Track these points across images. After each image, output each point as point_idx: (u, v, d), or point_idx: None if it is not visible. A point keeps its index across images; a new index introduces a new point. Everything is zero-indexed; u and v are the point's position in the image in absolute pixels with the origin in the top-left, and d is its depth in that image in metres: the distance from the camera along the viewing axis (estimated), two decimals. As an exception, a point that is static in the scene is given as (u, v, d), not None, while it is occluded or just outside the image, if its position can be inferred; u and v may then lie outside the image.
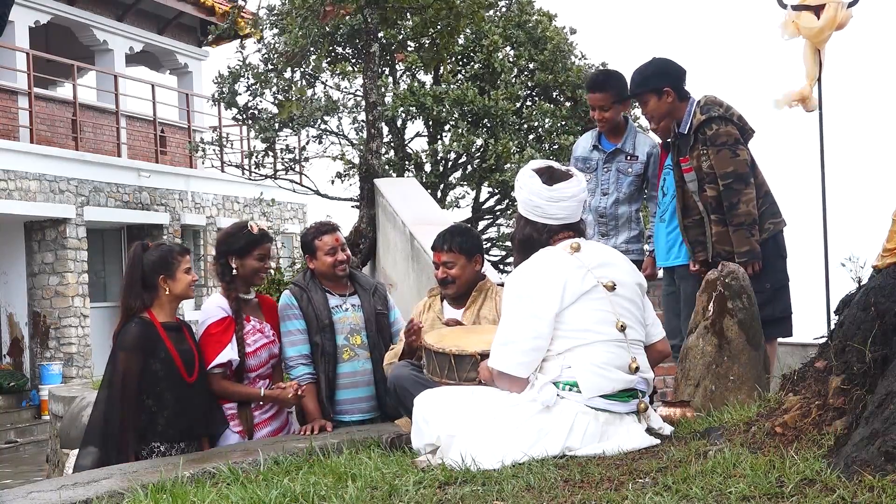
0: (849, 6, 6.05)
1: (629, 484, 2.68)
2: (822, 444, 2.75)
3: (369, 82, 9.72)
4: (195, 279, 4.55)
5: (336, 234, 4.92)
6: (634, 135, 5.36)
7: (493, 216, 15.75)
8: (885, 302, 2.84)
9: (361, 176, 9.54)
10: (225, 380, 4.55)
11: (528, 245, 3.53)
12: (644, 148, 5.31)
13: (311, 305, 4.81)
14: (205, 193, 18.74)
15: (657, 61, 4.86)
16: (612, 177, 5.31)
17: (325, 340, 4.80)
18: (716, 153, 4.60)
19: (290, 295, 4.88)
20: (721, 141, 4.60)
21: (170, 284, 4.41)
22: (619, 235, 5.31)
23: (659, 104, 4.79)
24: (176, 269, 4.42)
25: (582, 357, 3.29)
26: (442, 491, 2.83)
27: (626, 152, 5.31)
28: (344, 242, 4.96)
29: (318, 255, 4.88)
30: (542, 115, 14.03)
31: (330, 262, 4.85)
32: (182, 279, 4.44)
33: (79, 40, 18.38)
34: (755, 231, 4.57)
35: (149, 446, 4.30)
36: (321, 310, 4.82)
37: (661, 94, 4.77)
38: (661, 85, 4.76)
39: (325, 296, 4.87)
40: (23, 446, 14.36)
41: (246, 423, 4.60)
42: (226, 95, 13.64)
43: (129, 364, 4.28)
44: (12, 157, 14.70)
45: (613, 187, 5.30)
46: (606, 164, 5.33)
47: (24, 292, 16.04)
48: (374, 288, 5.04)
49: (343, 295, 4.94)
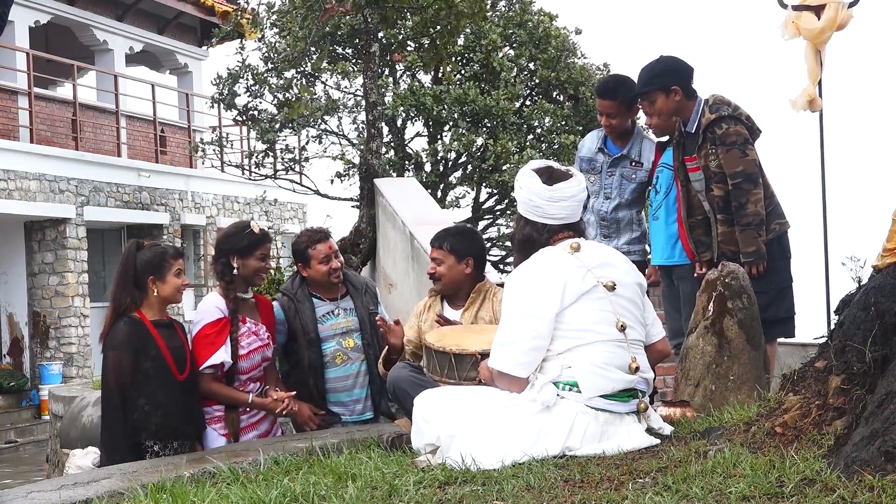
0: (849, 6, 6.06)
1: (629, 484, 2.68)
2: (822, 444, 2.75)
3: (369, 82, 9.72)
4: (185, 283, 4.48)
5: (329, 241, 4.92)
6: (641, 141, 5.30)
7: (492, 216, 15.76)
8: (885, 302, 2.84)
9: (361, 176, 9.54)
10: (215, 381, 4.51)
11: (528, 245, 3.53)
12: (649, 155, 5.25)
13: (297, 318, 4.84)
14: (205, 193, 18.74)
15: (665, 59, 4.85)
16: (616, 182, 5.27)
17: (312, 354, 4.84)
18: (725, 152, 4.60)
19: (279, 308, 4.89)
20: (731, 140, 4.59)
21: (159, 286, 4.38)
22: (621, 237, 5.30)
23: (667, 102, 4.77)
24: (166, 271, 4.39)
25: (582, 357, 3.29)
26: (442, 491, 2.83)
27: (632, 158, 5.26)
28: (337, 249, 4.96)
29: (311, 265, 4.88)
30: (542, 114, 14.04)
31: (325, 271, 4.85)
32: (171, 282, 4.40)
33: (79, 40, 18.39)
34: (762, 231, 4.57)
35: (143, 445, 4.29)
36: (308, 323, 4.84)
37: (670, 93, 4.75)
38: (669, 83, 4.75)
39: (312, 305, 4.89)
40: (23, 446, 14.36)
41: (232, 426, 4.56)
42: (225, 97, 13.64)
43: (120, 363, 4.27)
44: (12, 157, 14.70)
45: (616, 192, 5.27)
46: (611, 168, 5.29)
47: (24, 292, 16.04)
48: (364, 286, 5.06)
49: (334, 299, 4.94)
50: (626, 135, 5.29)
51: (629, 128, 5.31)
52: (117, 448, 4.27)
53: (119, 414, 4.28)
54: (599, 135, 5.42)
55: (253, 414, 4.65)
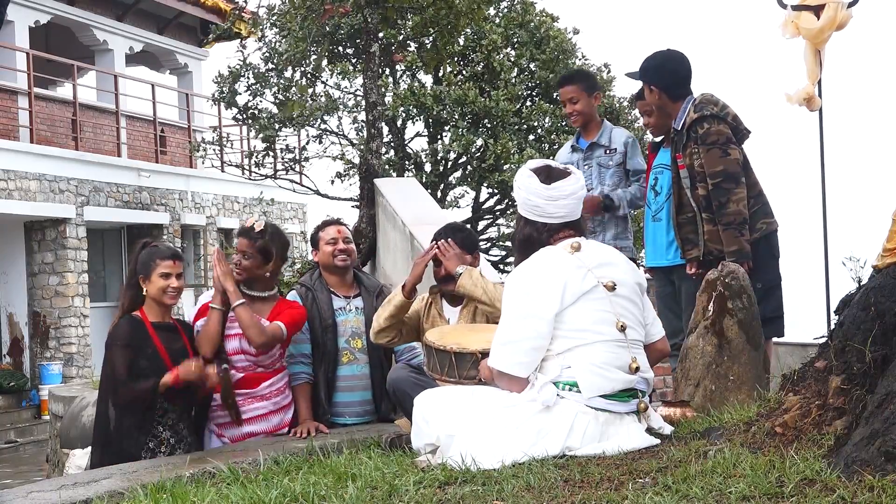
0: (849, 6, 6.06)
1: (629, 484, 2.68)
2: (822, 444, 2.75)
3: (369, 82, 9.72)
4: (173, 286, 4.41)
5: (339, 226, 5.03)
6: (610, 129, 5.50)
7: (492, 216, 15.76)
8: (885, 302, 2.84)
9: (361, 176, 9.54)
10: None
11: (528, 245, 3.53)
12: (620, 139, 5.45)
13: (315, 305, 4.85)
14: (205, 193, 18.74)
15: (662, 56, 4.87)
16: (594, 171, 5.42)
17: (328, 341, 4.83)
18: (706, 152, 4.60)
19: (295, 294, 4.92)
20: (711, 140, 4.60)
21: (146, 285, 4.41)
22: (607, 232, 5.38)
23: (650, 96, 4.89)
24: (152, 270, 4.39)
25: (582, 357, 3.29)
26: (442, 491, 2.83)
27: (603, 145, 5.44)
28: (348, 236, 5.02)
29: (320, 246, 4.96)
30: (541, 114, 14.05)
31: (329, 252, 4.91)
32: (155, 282, 4.39)
33: (79, 40, 18.38)
34: (745, 231, 4.55)
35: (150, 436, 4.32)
36: (325, 310, 4.85)
37: (651, 90, 4.85)
38: (650, 80, 4.84)
39: (329, 296, 4.91)
40: (23, 446, 14.36)
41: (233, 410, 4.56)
42: (226, 95, 13.64)
43: (117, 359, 4.31)
44: (12, 157, 14.70)
45: (596, 181, 5.40)
46: (586, 161, 5.46)
47: (24, 292, 16.04)
48: (378, 290, 5.05)
49: (347, 297, 4.97)
50: (593, 125, 5.49)
51: (597, 119, 5.52)
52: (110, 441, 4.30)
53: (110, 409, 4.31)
54: (571, 140, 5.67)
55: (261, 406, 4.62)
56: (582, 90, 5.42)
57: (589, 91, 5.44)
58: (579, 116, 5.46)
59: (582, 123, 5.50)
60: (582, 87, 5.43)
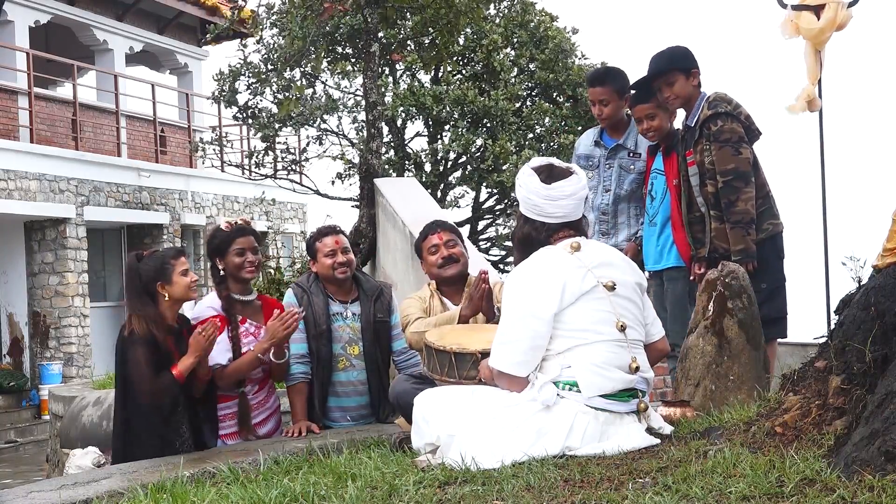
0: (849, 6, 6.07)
1: (629, 484, 2.68)
2: (822, 444, 2.75)
3: (369, 82, 9.72)
4: (195, 279, 4.50)
5: (337, 236, 4.88)
6: (637, 132, 5.25)
7: (492, 216, 15.76)
8: (885, 302, 2.84)
9: (361, 176, 9.55)
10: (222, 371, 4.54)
11: (528, 244, 3.53)
12: (645, 143, 5.21)
13: (310, 308, 4.78)
14: (205, 193, 18.74)
15: (670, 49, 4.85)
16: (615, 173, 5.26)
17: (321, 347, 4.77)
18: (718, 149, 4.60)
19: (291, 294, 4.87)
20: (724, 137, 4.59)
21: (168, 290, 4.39)
22: (619, 234, 5.28)
23: (686, 84, 4.74)
24: (171, 273, 4.40)
25: (582, 357, 3.29)
26: (442, 491, 2.83)
27: (629, 149, 5.25)
28: (346, 246, 4.90)
29: (318, 258, 4.85)
30: (541, 114, 14.04)
31: (329, 264, 4.80)
32: (179, 282, 4.41)
33: (79, 40, 18.38)
34: (752, 230, 4.56)
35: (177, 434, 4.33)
36: (320, 315, 4.77)
37: (689, 75, 4.74)
38: (690, 65, 4.75)
39: (326, 301, 4.83)
40: (23, 446, 14.35)
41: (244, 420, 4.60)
42: (226, 94, 13.64)
43: (139, 357, 4.27)
44: (12, 157, 14.70)
45: (615, 183, 5.25)
46: (608, 160, 5.28)
47: (24, 292, 16.03)
48: (377, 293, 4.97)
49: (345, 302, 4.88)
50: (621, 125, 5.28)
51: (624, 119, 5.29)
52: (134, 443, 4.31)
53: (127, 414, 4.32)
54: (595, 131, 5.44)
55: (258, 412, 4.67)
56: (614, 92, 5.16)
57: (621, 94, 5.16)
58: (607, 120, 5.26)
59: (609, 126, 5.31)
60: (614, 88, 5.16)
